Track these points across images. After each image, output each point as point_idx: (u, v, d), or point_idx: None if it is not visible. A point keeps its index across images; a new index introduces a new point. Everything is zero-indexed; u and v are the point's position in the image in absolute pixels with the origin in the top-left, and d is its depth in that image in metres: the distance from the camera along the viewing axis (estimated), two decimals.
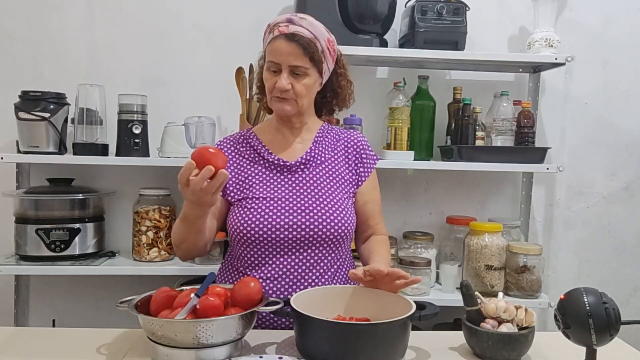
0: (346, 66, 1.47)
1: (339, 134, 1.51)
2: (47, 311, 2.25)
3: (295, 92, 1.34)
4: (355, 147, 1.49)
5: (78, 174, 2.17)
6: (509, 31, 2.36)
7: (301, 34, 1.31)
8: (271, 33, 1.34)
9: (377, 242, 1.46)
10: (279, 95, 1.35)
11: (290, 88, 1.33)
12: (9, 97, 2.02)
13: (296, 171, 1.41)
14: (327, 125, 1.51)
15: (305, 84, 1.35)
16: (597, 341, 1.01)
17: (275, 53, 1.32)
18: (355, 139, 1.50)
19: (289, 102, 1.36)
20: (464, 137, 2.13)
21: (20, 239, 2.01)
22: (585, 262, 2.46)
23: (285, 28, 1.32)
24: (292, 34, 1.31)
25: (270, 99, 1.38)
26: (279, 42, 1.32)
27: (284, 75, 1.33)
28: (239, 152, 1.44)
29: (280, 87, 1.33)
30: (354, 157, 1.47)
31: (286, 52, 1.31)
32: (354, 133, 1.53)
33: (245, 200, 1.37)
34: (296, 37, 1.31)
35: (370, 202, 1.48)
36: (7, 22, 2.18)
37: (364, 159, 1.48)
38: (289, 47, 1.31)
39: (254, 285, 1.14)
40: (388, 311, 1.14)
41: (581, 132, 2.39)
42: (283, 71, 1.33)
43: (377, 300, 1.22)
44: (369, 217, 1.48)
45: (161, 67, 2.24)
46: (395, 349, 1.08)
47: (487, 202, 2.40)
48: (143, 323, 1.07)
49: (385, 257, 1.40)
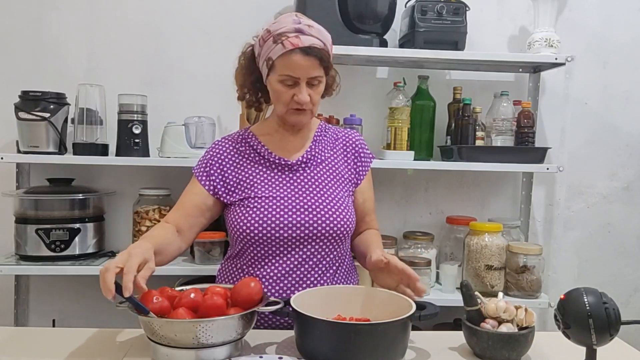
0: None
1: (337, 132, 1.51)
2: (47, 311, 2.25)
3: (312, 102, 1.35)
4: (353, 146, 1.50)
5: (78, 174, 2.17)
6: (509, 31, 2.36)
7: (316, 46, 1.29)
8: (278, 44, 1.29)
9: (373, 234, 1.50)
10: (298, 108, 1.34)
11: (308, 99, 1.33)
12: (9, 97, 2.02)
13: (297, 170, 1.41)
14: (324, 124, 1.52)
15: (319, 92, 1.36)
16: (597, 341, 1.01)
17: (293, 68, 1.29)
18: (353, 138, 1.51)
19: (306, 114, 1.37)
20: (464, 137, 2.13)
21: (20, 239, 2.02)
22: (585, 262, 2.46)
23: (298, 40, 1.28)
24: (308, 47, 1.28)
25: (286, 111, 1.36)
26: (296, 57, 1.28)
27: (303, 88, 1.32)
28: (239, 152, 1.44)
29: (302, 101, 1.32)
30: (352, 156, 1.48)
31: (305, 66, 1.29)
32: (351, 132, 1.54)
33: (247, 200, 1.36)
34: (312, 50, 1.29)
35: (367, 200, 1.50)
36: (7, 22, 2.18)
37: (362, 158, 1.49)
38: (307, 61, 1.29)
39: (254, 285, 1.14)
40: (388, 311, 1.14)
41: (581, 132, 2.39)
42: (301, 84, 1.31)
43: (377, 300, 1.23)
44: (366, 214, 1.51)
45: (161, 67, 2.24)
46: (395, 349, 1.08)
47: (487, 202, 2.40)
48: (143, 323, 1.07)
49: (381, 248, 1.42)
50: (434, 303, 1.18)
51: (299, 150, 1.43)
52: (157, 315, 1.06)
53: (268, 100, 1.46)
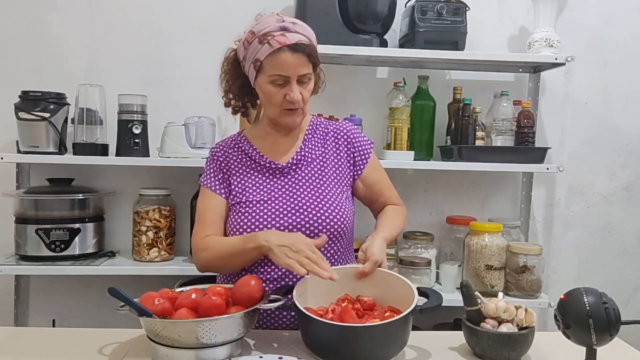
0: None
1: (328, 127, 1.49)
2: (47, 311, 2.25)
3: (303, 100, 1.34)
4: (345, 137, 1.47)
5: (78, 174, 2.17)
6: (509, 31, 2.36)
7: (303, 42, 1.29)
8: (264, 44, 1.28)
9: (384, 214, 1.48)
10: (291, 107, 1.34)
11: (300, 97, 1.33)
12: (9, 97, 2.02)
13: (288, 172, 1.41)
14: (315, 119, 1.50)
15: (309, 89, 1.36)
16: (597, 341, 1.01)
17: (282, 66, 1.29)
18: (344, 129, 1.49)
19: (298, 113, 1.36)
20: (464, 137, 2.13)
21: (20, 239, 2.01)
22: (585, 262, 2.46)
23: (284, 38, 1.28)
24: (295, 44, 1.28)
25: (279, 112, 1.36)
26: (284, 55, 1.28)
27: (295, 86, 1.31)
28: (232, 157, 1.44)
29: (294, 99, 1.31)
30: (345, 149, 1.46)
31: (294, 64, 1.29)
32: (342, 123, 1.51)
33: (239, 205, 1.37)
34: (300, 47, 1.29)
35: (375, 183, 1.48)
36: (7, 22, 2.18)
37: (357, 147, 1.47)
38: (295, 58, 1.29)
39: (254, 284, 1.14)
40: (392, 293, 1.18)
41: (581, 132, 2.39)
42: (292, 82, 1.31)
43: (380, 281, 1.24)
44: (379, 195, 1.49)
45: (161, 67, 2.24)
46: (395, 344, 1.10)
47: (487, 202, 2.40)
48: (145, 324, 1.07)
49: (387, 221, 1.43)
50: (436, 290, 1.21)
51: (290, 152, 1.43)
52: (159, 317, 1.06)
53: (255, 105, 1.46)
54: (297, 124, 1.39)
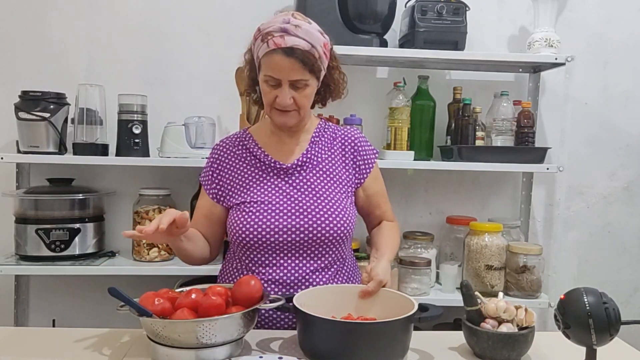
0: (337, 57, 1.42)
1: (336, 132, 1.49)
2: (47, 311, 2.25)
3: (297, 104, 1.32)
4: (352, 144, 1.47)
5: (78, 174, 2.17)
6: (509, 31, 2.36)
7: (299, 47, 1.26)
8: (264, 43, 1.28)
9: (382, 232, 1.48)
10: (281, 109, 1.33)
11: (292, 102, 1.31)
12: (9, 97, 2.02)
13: (292, 174, 1.40)
14: (323, 123, 1.50)
15: (306, 95, 1.33)
16: (597, 341, 1.01)
17: (273, 69, 1.28)
18: (352, 136, 1.48)
19: (290, 115, 1.34)
20: (464, 137, 2.13)
21: (20, 239, 2.01)
22: (585, 262, 2.46)
23: (281, 40, 1.26)
24: (290, 48, 1.25)
25: (270, 111, 1.35)
26: (277, 57, 1.26)
27: (285, 90, 1.29)
28: (236, 155, 1.44)
29: (281, 104, 1.30)
30: (351, 156, 1.46)
31: (285, 67, 1.27)
32: (350, 130, 1.51)
33: (243, 205, 1.36)
34: (295, 51, 1.25)
35: (374, 195, 1.48)
36: (7, 22, 2.18)
37: (363, 155, 1.47)
38: (287, 62, 1.26)
39: (254, 284, 1.14)
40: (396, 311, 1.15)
41: (581, 132, 2.39)
42: (283, 86, 1.29)
43: (384, 300, 1.23)
44: (376, 207, 1.50)
45: (161, 67, 2.24)
46: (395, 348, 1.09)
47: (487, 202, 2.40)
48: (145, 324, 1.07)
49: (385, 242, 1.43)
50: (436, 305, 1.19)
51: (296, 153, 1.42)
52: (159, 317, 1.06)
53: None
54: (289, 125, 1.38)
